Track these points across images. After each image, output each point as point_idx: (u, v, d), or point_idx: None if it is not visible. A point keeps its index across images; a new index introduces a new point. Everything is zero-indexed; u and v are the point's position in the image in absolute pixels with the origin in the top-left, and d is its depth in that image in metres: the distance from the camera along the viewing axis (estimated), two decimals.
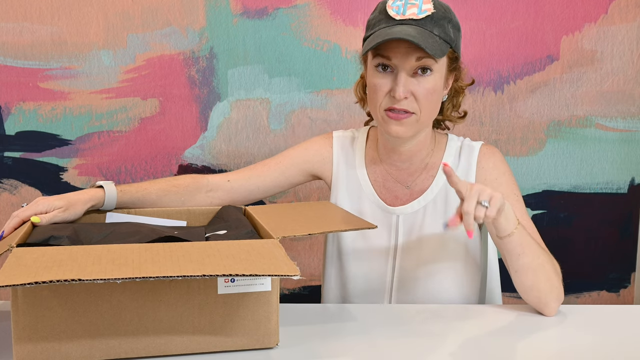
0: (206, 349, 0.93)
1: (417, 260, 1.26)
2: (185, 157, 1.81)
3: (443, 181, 1.26)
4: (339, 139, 1.36)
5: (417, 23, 1.12)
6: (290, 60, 1.78)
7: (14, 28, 1.74)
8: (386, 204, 1.29)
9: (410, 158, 1.28)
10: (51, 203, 1.09)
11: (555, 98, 1.80)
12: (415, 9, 1.12)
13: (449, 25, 1.15)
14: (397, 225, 1.28)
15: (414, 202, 1.27)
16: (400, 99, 1.13)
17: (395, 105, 1.15)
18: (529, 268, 1.11)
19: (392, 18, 1.13)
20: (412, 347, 0.99)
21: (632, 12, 1.76)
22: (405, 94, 1.13)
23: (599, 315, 1.16)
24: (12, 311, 0.86)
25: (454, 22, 1.17)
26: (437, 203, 1.26)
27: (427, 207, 1.26)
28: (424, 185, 1.28)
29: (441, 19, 1.13)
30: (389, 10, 1.14)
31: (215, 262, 0.84)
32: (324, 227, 1.10)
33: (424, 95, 1.14)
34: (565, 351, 0.99)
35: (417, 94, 1.14)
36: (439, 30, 1.13)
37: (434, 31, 1.12)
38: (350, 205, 1.31)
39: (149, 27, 1.76)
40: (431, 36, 1.11)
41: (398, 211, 1.28)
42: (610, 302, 1.89)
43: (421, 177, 1.29)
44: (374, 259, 1.29)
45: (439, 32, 1.13)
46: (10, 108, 1.78)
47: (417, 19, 1.12)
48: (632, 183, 1.84)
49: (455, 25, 1.17)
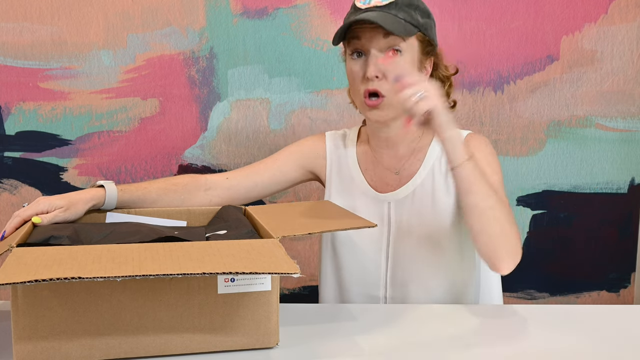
0: (206, 348, 0.93)
1: (410, 247, 1.28)
2: (185, 157, 1.81)
3: (430, 165, 1.29)
4: (331, 136, 1.40)
5: (381, 9, 1.18)
6: (290, 60, 1.78)
7: (14, 28, 1.75)
8: (377, 191, 1.31)
9: (397, 143, 1.30)
10: (52, 202, 1.09)
11: (555, 98, 1.80)
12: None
13: (416, 11, 1.20)
14: (389, 213, 1.29)
15: (403, 188, 1.29)
16: (372, 78, 1.18)
17: (368, 87, 1.19)
18: (476, 207, 1.10)
19: (359, 8, 1.20)
20: (412, 347, 0.99)
21: (632, 12, 1.76)
22: (377, 72, 1.17)
23: (599, 315, 1.16)
24: (12, 311, 0.86)
25: (421, 9, 1.22)
26: (425, 186, 1.28)
27: (416, 191, 1.28)
28: (411, 169, 1.30)
29: (406, 5, 1.19)
30: (356, 2, 1.21)
31: (216, 261, 0.84)
32: (324, 227, 1.10)
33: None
34: (565, 351, 0.99)
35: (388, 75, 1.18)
36: (403, 14, 1.18)
37: (399, 15, 1.18)
38: (342, 198, 1.33)
39: (149, 27, 1.76)
40: (394, 19, 1.17)
41: (389, 197, 1.30)
42: (610, 302, 1.89)
43: (409, 162, 1.31)
44: (368, 248, 1.31)
45: (403, 16, 1.18)
46: (10, 108, 1.78)
47: (381, 5, 1.18)
48: (632, 183, 1.84)
49: (424, 11, 1.22)
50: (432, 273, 1.27)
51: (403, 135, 1.29)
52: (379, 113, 1.21)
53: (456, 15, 1.77)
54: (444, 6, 1.75)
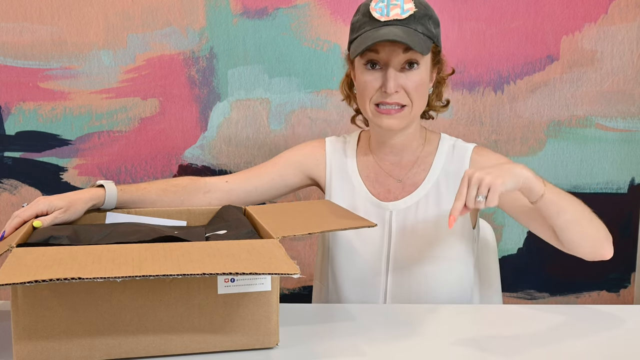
0: (206, 349, 0.93)
1: (410, 256, 1.27)
2: (185, 157, 1.81)
3: (435, 177, 1.28)
4: (331, 142, 1.39)
5: (402, 23, 1.17)
6: (290, 60, 1.78)
7: (14, 28, 1.75)
8: (379, 199, 1.30)
9: (402, 151, 1.30)
10: (52, 203, 1.09)
11: (555, 98, 1.80)
12: (398, 9, 1.18)
13: (430, 21, 1.20)
14: (390, 221, 1.28)
15: (407, 198, 1.28)
16: (392, 93, 1.19)
17: (386, 100, 1.20)
18: (573, 221, 1.12)
19: (376, 20, 1.19)
20: (412, 347, 0.99)
21: (632, 12, 1.76)
22: (396, 88, 1.19)
23: (599, 315, 1.16)
24: (12, 311, 0.86)
25: (434, 19, 1.22)
26: (429, 198, 1.28)
27: (420, 202, 1.28)
28: (415, 179, 1.30)
29: (422, 17, 1.19)
30: (372, 12, 1.19)
31: (215, 261, 0.84)
32: (324, 226, 1.10)
33: (414, 88, 1.20)
34: (565, 351, 0.99)
35: (407, 88, 1.19)
36: (422, 28, 1.18)
37: (418, 29, 1.18)
38: (343, 205, 1.32)
39: (149, 27, 1.76)
40: (416, 34, 1.17)
41: (391, 206, 1.29)
42: (610, 302, 1.89)
43: (412, 171, 1.30)
44: (368, 255, 1.30)
45: (422, 30, 1.18)
46: (10, 108, 1.78)
47: (401, 18, 1.17)
48: (632, 183, 1.84)
49: (435, 21, 1.23)
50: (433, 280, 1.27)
51: (408, 142, 1.29)
52: (394, 122, 1.21)
53: (456, 15, 1.77)
54: (444, 6, 1.75)
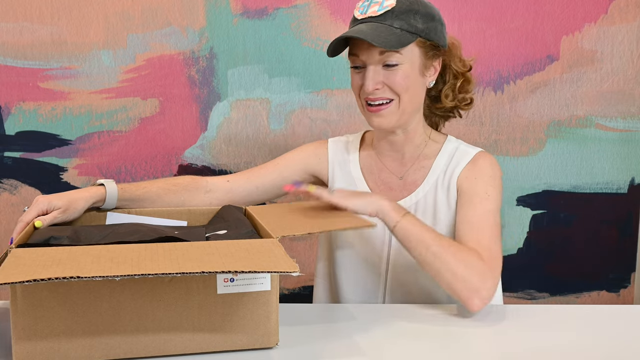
0: (206, 348, 0.93)
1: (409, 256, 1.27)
2: (185, 157, 1.81)
3: (434, 179, 1.28)
4: (334, 141, 1.40)
5: (376, 19, 1.17)
6: (290, 60, 1.78)
7: (14, 28, 1.75)
8: None
9: (402, 147, 1.30)
10: (51, 202, 1.09)
11: (555, 98, 1.79)
12: (377, 7, 1.17)
13: (415, 16, 1.18)
14: None
15: (407, 198, 1.29)
16: (370, 92, 1.19)
17: (369, 96, 1.20)
18: (424, 262, 1.12)
19: (356, 19, 1.20)
20: (412, 346, 0.99)
21: (632, 12, 1.76)
22: (375, 86, 1.19)
23: (599, 315, 1.16)
24: (12, 311, 0.86)
25: (422, 13, 1.18)
26: (427, 200, 1.28)
27: (419, 203, 1.28)
28: (416, 177, 1.30)
29: (404, 12, 1.17)
30: (355, 12, 1.21)
31: (214, 260, 0.84)
32: (324, 226, 1.10)
33: (396, 82, 1.19)
34: (565, 351, 0.99)
35: (389, 83, 1.19)
36: (400, 23, 1.16)
37: (394, 24, 1.16)
38: None
39: (149, 27, 1.76)
40: (388, 30, 1.15)
41: None
42: (610, 302, 1.89)
43: (413, 168, 1.30)
44: (369, 255, 1.30)
45: (400, 25, 1.16)
46: (10, 108, 1.78)
47: (376, 15, 1.17)
48: (632, 183, 1.83)
49: (426, 15, 1.19)
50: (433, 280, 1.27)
51: (408, 139, 1.29)
52: (382, 120, 1.22)
53: (456, 15, 1.77)
54: (444, 6, 1.75)
